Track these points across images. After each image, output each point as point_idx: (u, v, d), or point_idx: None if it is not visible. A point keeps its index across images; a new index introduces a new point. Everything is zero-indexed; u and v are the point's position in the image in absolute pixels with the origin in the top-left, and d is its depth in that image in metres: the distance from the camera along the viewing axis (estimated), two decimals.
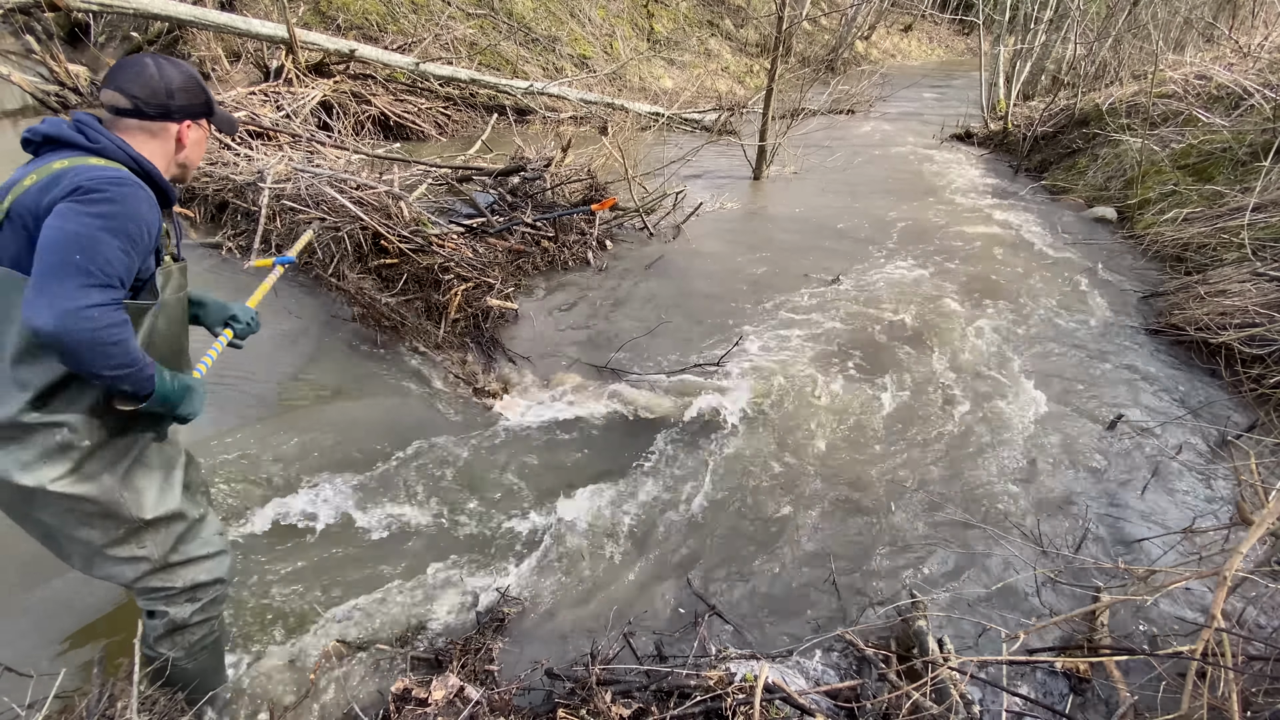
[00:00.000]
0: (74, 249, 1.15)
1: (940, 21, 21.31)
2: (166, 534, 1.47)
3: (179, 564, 1.50)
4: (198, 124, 1.45)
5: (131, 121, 1.35)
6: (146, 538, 1.43)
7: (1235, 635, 1.70)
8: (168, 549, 1.48)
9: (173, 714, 1.54)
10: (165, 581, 1.49)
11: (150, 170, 1.35)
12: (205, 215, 4.33)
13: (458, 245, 3.91)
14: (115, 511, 1.37)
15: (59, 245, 1.15)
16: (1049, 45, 10.20)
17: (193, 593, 1.54)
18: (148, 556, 1.45)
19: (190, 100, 1.40)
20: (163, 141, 1.40)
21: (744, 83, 11.74)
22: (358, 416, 2.94)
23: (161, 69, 1.36)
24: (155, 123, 1.37)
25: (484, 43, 8.45)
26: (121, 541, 1.41)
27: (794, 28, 13.20)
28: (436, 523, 2.45)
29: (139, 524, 1.41)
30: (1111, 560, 2.48)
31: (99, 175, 1.21)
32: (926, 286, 4.60)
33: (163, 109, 1.36)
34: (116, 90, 1.33)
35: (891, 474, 2.89)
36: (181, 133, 1.41)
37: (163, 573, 1.48)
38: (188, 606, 1.54)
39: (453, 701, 1.64)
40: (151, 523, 1.43)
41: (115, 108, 1.34)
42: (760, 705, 1.55)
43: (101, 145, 1.29)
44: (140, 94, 1.34)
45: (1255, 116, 5.69)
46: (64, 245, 1.15)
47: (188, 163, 1.48)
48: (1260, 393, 3.49)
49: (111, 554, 1.41)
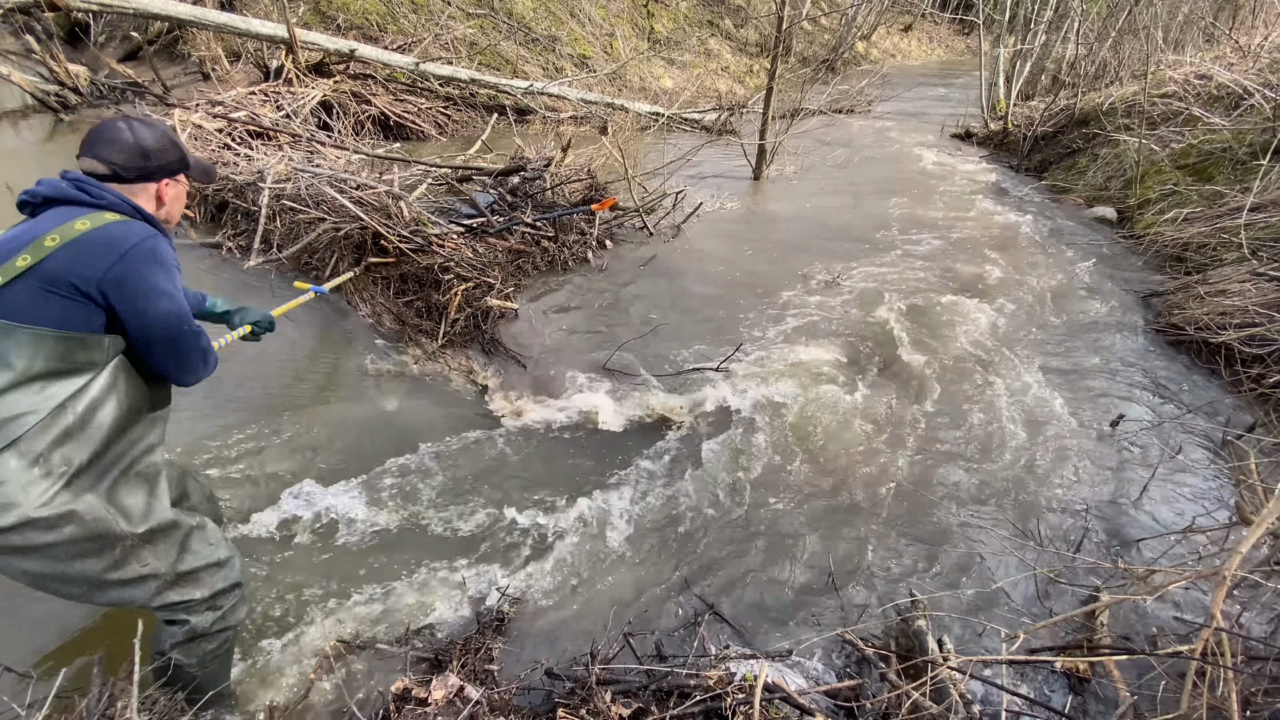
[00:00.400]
0: (179, 323, 1.37)
1: (940, 21, 21.30)
2: (167, 544, 1.45)
3: (192, 572, 1.49)
4: (175, 180, 1.51)
5: (111, 186, 1.40)
6: (146, 552, 1.41)
7: (1235, 635, 1.70)
8: (174, 559, 1.46)
9: (173, 714, 1.55)
10: (184, 594, 1.48)
11: (152, 219, 1.43)
12: (205, 215, 4.34)
13: (458, 245, 3.91)
14: (105, 531, 1.33)
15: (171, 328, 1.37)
16: (1049, 45, 10.20)
17: (214, 600, 1.54)
18: (155, 572, 1.42)
19: (166, 159, 1.46)
20: (144, 201, 1.45)
21: (744, 82, 11.73)
22: (357, 417, 2.94)
23: (135, 132, 1.41)
24: (135, 185, 1.43)
25: (484, 42, 8.45)
26: (122, 563, 1.37)
27: (794, 27, 13.20)
28: (436, 522, 2.45)
29: (133, 539, 1.37)
30: (1111, 560, 2.48)
31: (138, 235, 1.32)
32: (926, 286, 4.60)
33: (141, 171, 1.42)
34: (94, 158, 1.38)
35: (891, 474, 2.89)
36: (160, 190, 1.47)
37: (178, 585, 1.47)
38: (209, 615, 1.53)
39: (453, 701, 1.64)
40: (146, 535, 1.40)
41: (94, 174, 1.39)
42: (760, 705, 1.55)
43: (107, 201, 1.36)
44: (117, 159, 1.39)
45: (1255, 116, 5.68)
46: (173, 324, 1.37)
47: (169, 218, 1.54)
48: (1260, 392, 3.49)
49: (116, 578, 1.37)
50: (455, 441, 2.83)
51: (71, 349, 1.26)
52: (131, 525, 1.37)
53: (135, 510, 1.38)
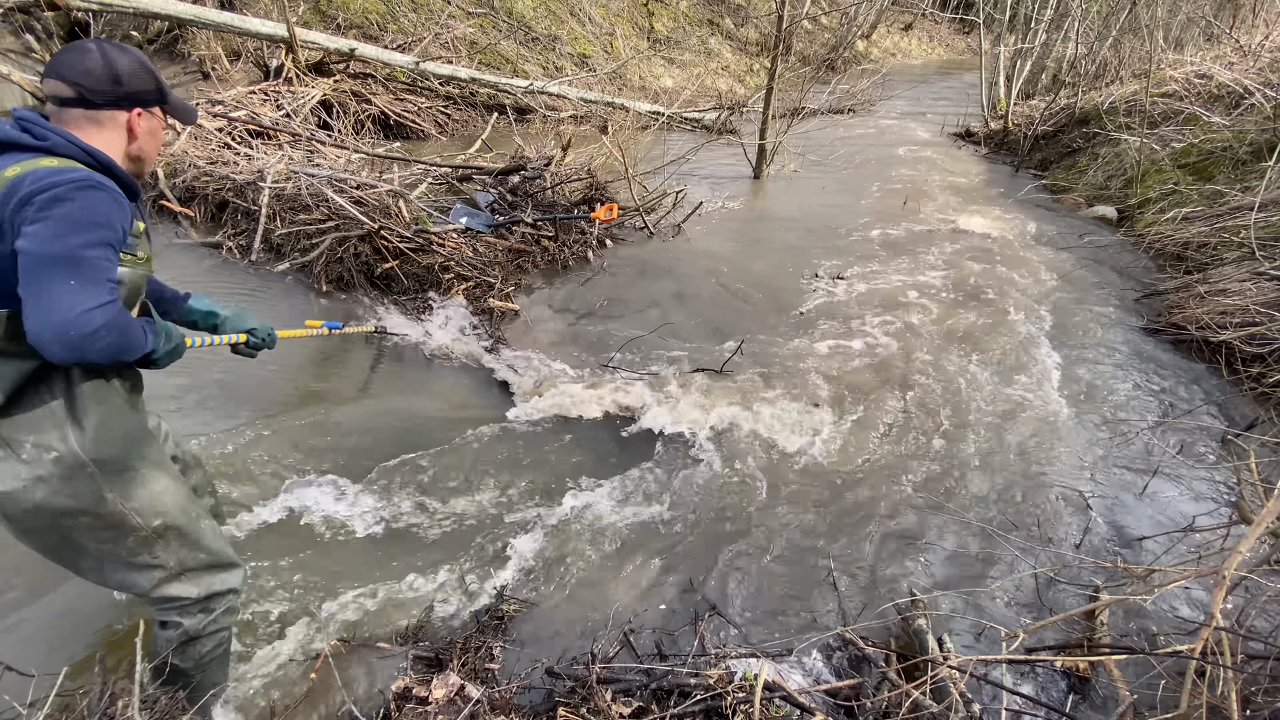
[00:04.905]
0: (65, 273, 1.11)
1: (941, 20, 21.28)
2: (180, 541, 1.45)
3: (194, 570, 1.49)
4: (150, 112, 1.34)
5: (76, 112, 1.24)
6: (158, 545, 1.42)
7: (1235, 634, 1.70)
8: (183, 554, 1.46)
9: (174, 713, 1.55)
10: (182, 590, 1.48)
11: (107, 163, 1.25)
12: (205, 215, 4.33)
13: (458, 244, 3.91)
14: (121, 521, 1.35)
15: (48, 271, 1.10)
16: (1049, 44, 10.19)
17: (207, 603, 1.53)
18: (163, 564, 1.43)
19: (140, 86, 1.29)
20: (112, 132, 1.29)
21: (744, 82, 11.72)
22: (357, 416, 2.94)
23: (106, 54, 1.25)
24: (103, 111, 1.26)
25: (484, 42, 8.44)
26: (134, 550, 1.39)
27: (794, 27, 13.19)
28: (437, 522, 2.45)
29: (147, 531, 1.39)
30: (1111, 559, 2.48)
31: (56, 180, 1.12)
32: (925, 285, 4.60)
33: (110, 96, 1.26)
34: (58, 79, 1.22)
35: (891, 473, 2.89)
36: (132, 121, 1.30)
37: (179, 581, 1.47)
38: (201, 618, 1.52)
39: (453, 700, 1.64)
40: (160, 530, 1.41)
41: (58, 98, 1.24)
42: (760, 704, 1.55)
43: (51, 142, 1.19)
44: (84, 81, 1.23)
45: (1256, 115, 5.68)
46: (52, 269, 1.10)
47: (143, 154, 1.36)
48: (1260, 391, 3.49)
49: (127, 561, 1.39)
50: (455, 441, 2.83)
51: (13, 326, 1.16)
52: (148, 519, 1.38)
53: (156, 503, 1.39)
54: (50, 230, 1.10)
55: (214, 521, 1.61)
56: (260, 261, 3.90)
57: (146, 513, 1.38)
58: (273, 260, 3.93)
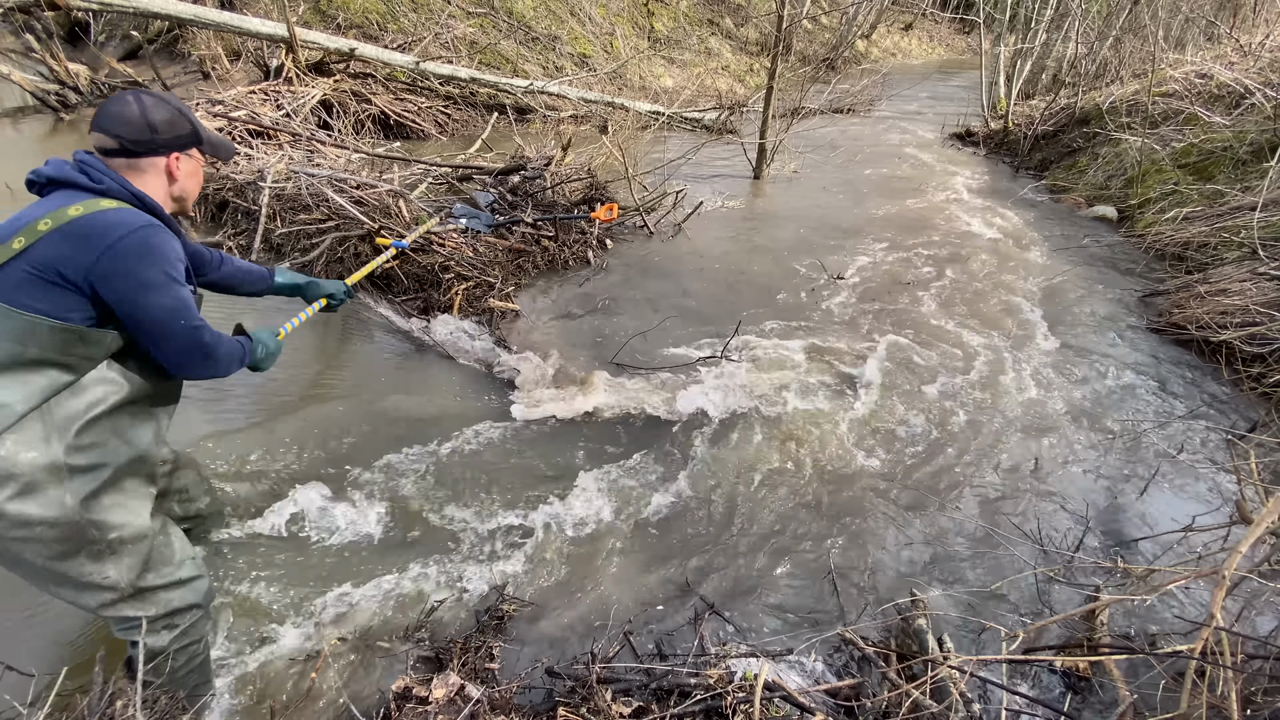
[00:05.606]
0: (171, 317, 1.33)
1: (941, 20, 21.27)
2: (133, 557, 1.39)
3: (150, 590, 1.44)
4: (188, 155, 1.47)
5: (120, 161, 1.38)
6: (109, 562, 1.35)
7: (1234, 635, 1.70)
8: (135, 574, 1.40)
9: (174, 713, 1.55)
10: (138, 609, 1.43)
11: (154, 206, 1.38)
12: (205, 214, 4.34)
13: (458, 244, 3.91)
14: (75, 534, 1.29)
15: (161, 322, 1.32)
16: (1050, 44, 10.19)
17: (169, 619, 1.49)
18: (114, 584, 1.37)
19: (175, 132, 1.42)
20: (154, 177, 1.42)
21: (744, 81, 11.72)
22: (357, 416, 2.94)
23: (143, 105, 1.38)
24: (143, 159, 1.40)
25: (484, 41, 8.45)
26: (82, 566, 1.33)
27: (794, 26, 13.19)
28: (437, 521, 2.45)
29: (100, 546, 1.33)
30: (1111, 560, 2.48)
31: (119, 223, 1.27)
32: (925, 284, 4.60)
33: (148, 145, 1.39)
34: (102, 132, 1.36)
35: (891, 473, 2.89)
36: (170, 165, 1.44)
37: (133, 600, 1.42)
38: (165, 635, 1.49)
39: (453, 700, 1.64)
40: (114, 544, 1.35)
41: (104, 150, 1.37)
42: (760, 703, 1.55)
43: (106, 185, 1.32)
44: (124, 133, 1.36)
45: (1256, 115, 5.68)
46: (165, 319, 1.32)
47: (185, 194, 1.50)
48: (1261, 391, 3.49)
49: (72, 577, 1.33)
50: (456, 440, 2.83)
51: (70, 341, 1.24)
52: (101, 532, 1.33)
53: (109, 517, 1.34)
54: (150, 279, 1.29)
55: (179, 531, 1.56)
56: (261, 261, 3.90)
57: (103, 525, 1.33)
58: (273, 260, 3.93)
